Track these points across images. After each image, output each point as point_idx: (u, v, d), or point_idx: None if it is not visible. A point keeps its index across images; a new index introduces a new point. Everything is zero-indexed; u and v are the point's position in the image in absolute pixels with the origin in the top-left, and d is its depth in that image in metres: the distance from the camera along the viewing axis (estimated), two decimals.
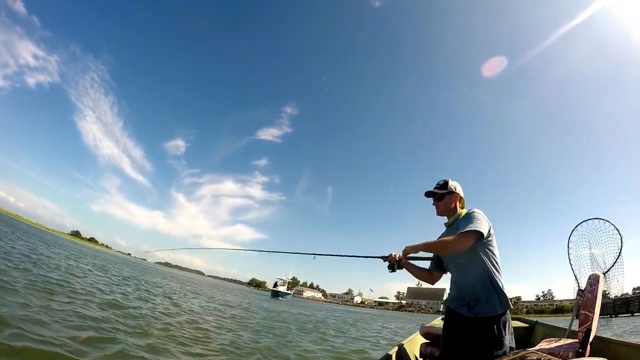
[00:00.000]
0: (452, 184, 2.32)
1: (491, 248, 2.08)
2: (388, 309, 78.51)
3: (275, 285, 61.58)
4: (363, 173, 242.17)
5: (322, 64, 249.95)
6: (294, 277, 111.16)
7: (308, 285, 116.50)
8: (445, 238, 2.03)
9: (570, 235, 2.79)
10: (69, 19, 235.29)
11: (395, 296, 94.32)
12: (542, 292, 74.01)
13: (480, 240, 2.00)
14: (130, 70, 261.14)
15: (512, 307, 2.06)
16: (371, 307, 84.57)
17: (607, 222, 2.56)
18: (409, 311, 73.16)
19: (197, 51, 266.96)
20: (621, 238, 2.48)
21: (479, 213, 2.12)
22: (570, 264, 2.78)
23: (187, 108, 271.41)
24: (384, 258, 2.29)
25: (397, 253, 2.26)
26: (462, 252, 2.03)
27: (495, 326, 1.96)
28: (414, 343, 3.30)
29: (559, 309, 51.57)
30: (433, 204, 2.36)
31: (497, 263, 2.08)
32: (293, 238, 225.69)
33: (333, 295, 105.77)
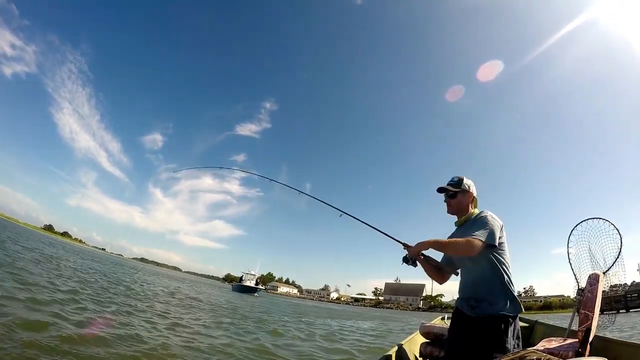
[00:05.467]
0: (467, 182, 2.28)
1: (500, 251, 2.07)
2: (365, 306, 79.31)
3: (241, 279, 59.91)
4: (341, 170, 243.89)
5: (302, 60, 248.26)
6: (269, 272, 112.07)
7: (284, 280, 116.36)
8: (456, 240, 2.01)
9: (570, 235, 2.85)
10: (48, 8, 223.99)
11: (372, 292, 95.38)
12: (524, 288, 76.29)
13: (491, 248, 2.00)
14: (108, 62, 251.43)
15: (522, 310, 2.05)
16: (347, 303, 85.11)
17: (607, 222, 2.62)
18: (387, 307, 74.08)
19: (176, 45, 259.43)
20: (620, 237, 2.53)
21: (491, 217, 2.09)
22: (570, 263, 2.83)
23: (165, 101, 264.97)
24: (405, 245, 2.20)
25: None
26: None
27: (496, 327, 1.96)
28: (414, 343, 3.30)
29: (547, 306, 52.40)
30: (445, 201, 2.31)
31: (505, 266, 2.08)
32: (271, 234, 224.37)
33: (309, 291, 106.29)
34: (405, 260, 2.19)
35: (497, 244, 1.99)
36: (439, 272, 2.36)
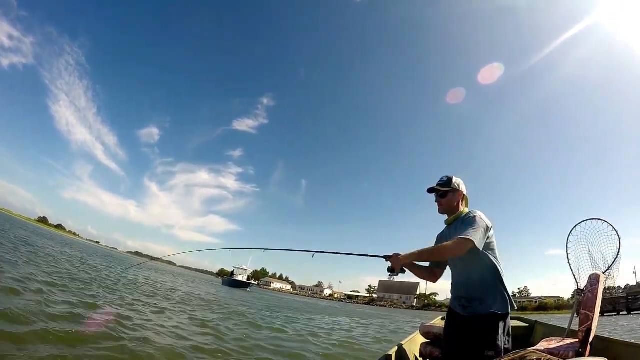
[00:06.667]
0: (456, 181, 2.30)
1: (489, 251, 2.10)
2: (358, 303, 79.50)
3: (232, 274, 59.45)
4: (337, 168, 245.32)
5: (300, 57, 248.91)
6: (263, 268, 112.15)
7: (277, 276, 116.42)
8: (442, 245, 2.02)
9: (569, 236, 2.88)
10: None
11: (366, 290, 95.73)
12: (518, 288, 76.93)
13: (479, 248, 1.98)
14: (106, 55, 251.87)
15: (515, 307, 2.08)
16: (340, 300, 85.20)
17: (605, 223, 2.65)
18: (380, 305, 74.19)
19: (175, 39, 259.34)
20: (619, 238, 2.54)
21: (479, 217, 2.08)
22: (569, 264, 2.84)
23: (162, 95, 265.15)
24: (387, 258, 2.19)
25: (400, 254, 2.15)
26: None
27: (487, 325, 1.99)
28: (414, 343, 3.30)
29: (542, 307, 52.62)
30: (435, 201, 2.34)
31: (496, 264, 2.10)
32: (267, 230, 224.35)
33: (302, 288, 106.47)
34: (390, 270, 2.17)
35: (484, 241, 2.00)
36: (429, 273, 2.39)
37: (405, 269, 2.20)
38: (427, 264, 2.39)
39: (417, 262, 2.25)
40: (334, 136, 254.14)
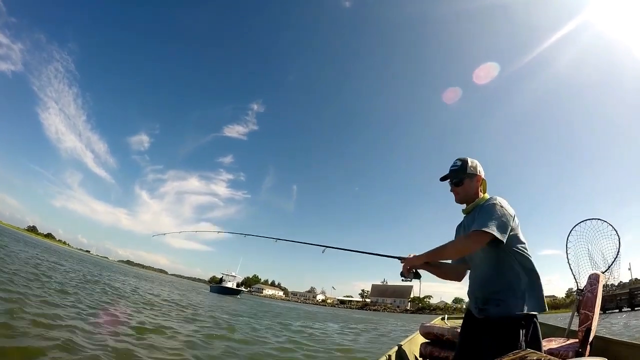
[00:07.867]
0: (472, 163, 1.97)
1: (513, 244, 1.76)
2: (351, 308, 78.92)
3: (221, 280, 58.41)
4: (329, 172, 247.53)
5: (289, 63, 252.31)
6: (255, 274, 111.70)
7: (270, 283, 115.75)
8: (454, 242, 1.82)
9: (569, 236, 2.89)
10: (36, 5, 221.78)
11: (359, 294, 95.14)
12: None
13: (499, 241, 1.69)
14: (95, 61, 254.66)
15: (546, 309, 1.75)
16: (333, 305, 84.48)
17: (605, 222, 2.66)
18: (374, 310, 73.76)
19: (164, 44, 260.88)
20: (619, 238, 2.55)
21: (499, 205, 1.76)
22: (569, 264, 2.85)
23: (152, 102, 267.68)
24: (402, 259, 1.99)
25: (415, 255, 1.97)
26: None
27: (504, 330, 1.69)
28: (414, 343, 3.25)
29: None
30: (451, 190, 2.03)
31: (521, 260, 1.77)
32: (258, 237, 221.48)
33: (295, 294, 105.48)
34: (403, 275, 1.96)
35: (505, 236, 1.68)
36: (450, 272, 2.12)
37: (419, 273, 1.99)
38: (448, 262, 2.11)
39: (432, 265, 2.02)
40: (325, 141, 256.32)
